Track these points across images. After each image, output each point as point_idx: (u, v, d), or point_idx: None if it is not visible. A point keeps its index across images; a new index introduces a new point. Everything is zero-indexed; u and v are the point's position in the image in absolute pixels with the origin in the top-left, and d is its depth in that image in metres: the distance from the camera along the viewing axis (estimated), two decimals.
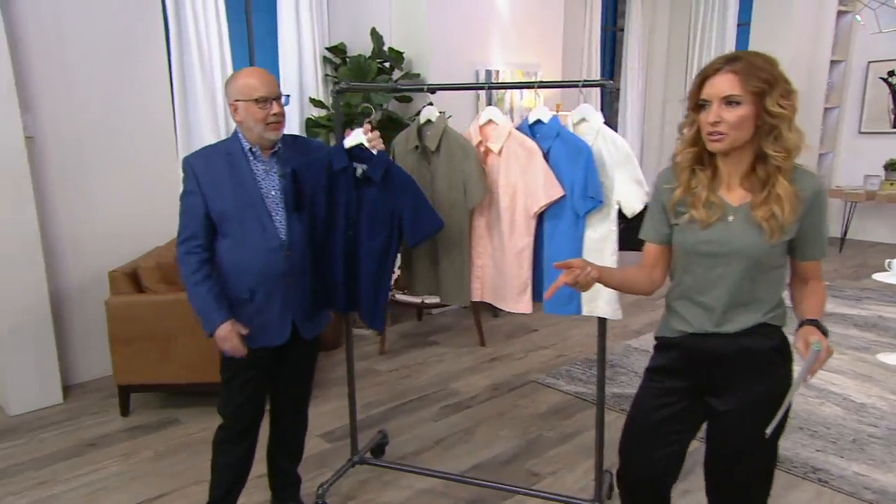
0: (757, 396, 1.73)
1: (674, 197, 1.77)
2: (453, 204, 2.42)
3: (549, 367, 4.14)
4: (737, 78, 1.58)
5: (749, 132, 1.62)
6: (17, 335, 3.47)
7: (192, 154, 2.29)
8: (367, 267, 2.34)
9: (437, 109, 2.48)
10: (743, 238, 1.68)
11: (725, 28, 7.05)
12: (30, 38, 3.49)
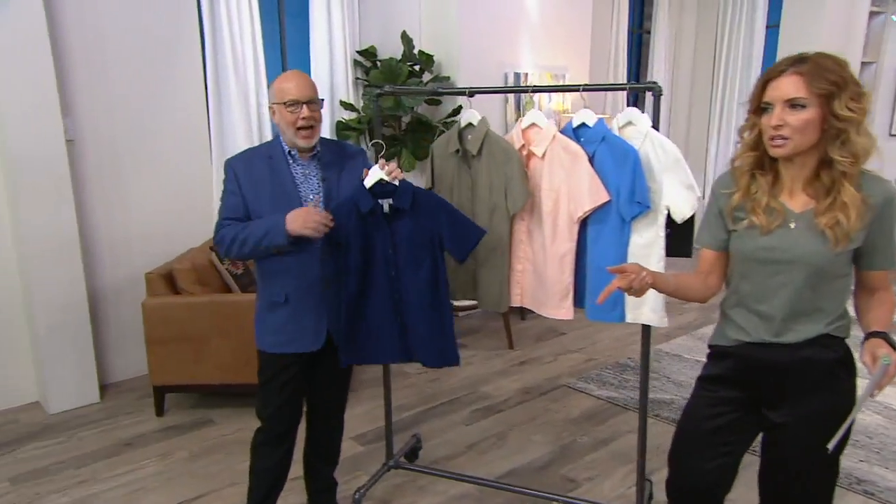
0: (818, 410, 1.66)
1: (732, 202, 1.70)
2: (494, 208, 2.38)
3: (579, 371, 4.07)
4: (802, 80, 1.51)
5: (814, 137, 1.54)
6: (57, 334, 3.48)
7: (234, 157, 2.26)
8: (419, 302, 2.22)
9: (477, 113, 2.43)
10: (805, 245, 1.60)
11: (754, 30, 6.91)
12: (72, 42, 3.50)
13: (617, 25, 6.54)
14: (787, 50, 6.22)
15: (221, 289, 3.58)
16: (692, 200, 2.09)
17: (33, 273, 3.37)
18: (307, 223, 2.02)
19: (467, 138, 2.42)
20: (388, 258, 2.19)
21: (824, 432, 1.62)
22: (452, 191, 2.50)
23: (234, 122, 4.13)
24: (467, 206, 2.46)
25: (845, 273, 1.65)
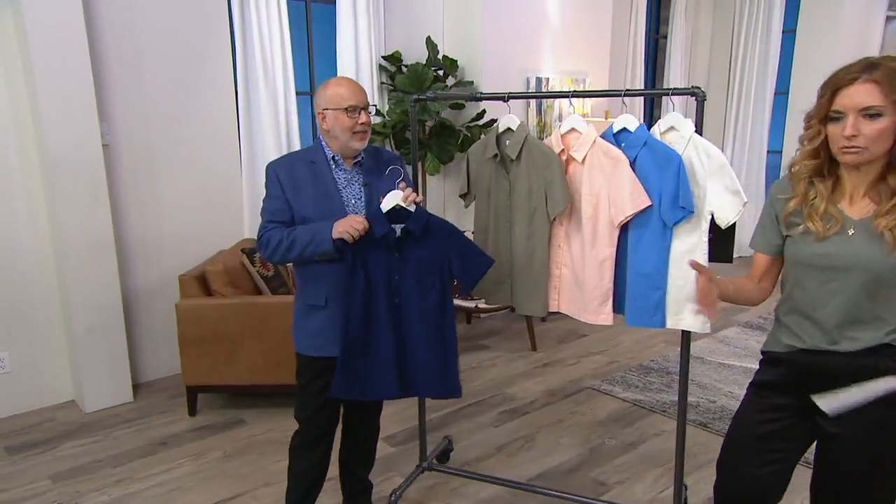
0: (873, 421, 1.58)
1: (788, 207, 1.64)
2: (534, 212, 2.33)
3: (603, 373, 4.02)
4: (878, 88, 1.44)
5: (889, 144, 1.48)
6: (93, 334, 3.46)
7: (276, 161, 2.22)
8: (425, 331, 2.13)
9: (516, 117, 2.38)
10: (862, 251, 1.54)
11: (770, 35, 6.82)
12: (108, 49, 3.48)
13: (635, 30, 6.48)
14: (804, 55, 6.13)
15: (252, 291, 3.56)
16: (738, 206, 2.03)
17: (70, 274, 3.35)
18: (346, 228, 1.99)
19: (505, 143, 2.38)
20: (393, 284, 2.11)
21: (881, 444, 1.58)
22: (490, 195, 2.46)
23: (264, 127, 4.11)
24: (504, 210, 2.42)
25: None
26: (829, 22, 6.43)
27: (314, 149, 2.21)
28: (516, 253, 2.41)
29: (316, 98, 2.15)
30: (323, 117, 2.11)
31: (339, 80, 2.14)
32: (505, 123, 2.39)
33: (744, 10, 7.00)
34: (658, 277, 2.18)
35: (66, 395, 3.64)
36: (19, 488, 2.82)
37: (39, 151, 3.32)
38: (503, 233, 2.44)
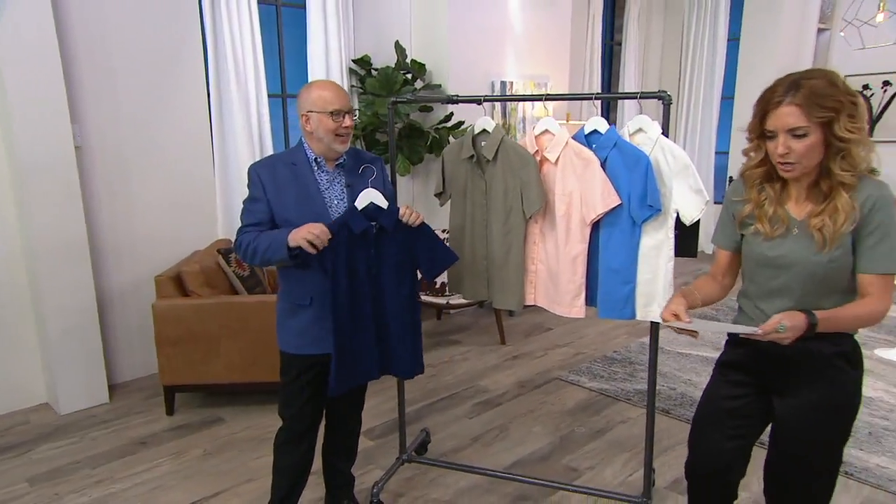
0: (818, 400, 1.66)
1: (743, 210, 1.71)
2: (510, 211, 2.35)
3: (570, 364, 4.08)
4: (800, 110, 1.50)
5: (819, 156, 1.55)
6: (67, 336, 3.35)
7: (258, 163, 2.18)
8: (401, 319, 2.18)
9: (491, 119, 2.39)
10: (800, 251, 1.61)
11: (716, 43, 7.01)
12: (79, 52, 3.38)
13: (592, 37, 6.58)
14: (747, 61, 6.34)
15: (228, 291, 3.50)
16: (700, 204, 2.08)
17: (43, 276, 3.24)
18: (304, 234, 1.92)
19: (481, 144, 2.39)
20: (372, 278, 2.13)
21: (823, 422, 1.65)
22: (466, 194, 2.46)
23: (236, 129, 4.04)
24: (481, 209, 2.43)
25: (846, 280, 1.62)
26: (768, 31, 6.64)
27: (296, 150, 2.17)
28: (493, 250, 2.42)
29: (299, 99, 2.11)
30: (307, 119, 2.08)
31: (322, 83, 2.11)
32: (481, 125, 2.40)
33: (692, 18, 7.17)
34: (628, 272, 2.22)
35: (40, 398, 3.51)
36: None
37: (9, 154, 3.19)
38: (479, 231, 2.45)
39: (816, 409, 1.67)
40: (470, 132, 2.42)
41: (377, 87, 4.41)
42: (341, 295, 2.07)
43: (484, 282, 2.50)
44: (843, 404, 1.67)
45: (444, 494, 2.69)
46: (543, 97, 2.33)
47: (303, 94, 2.10)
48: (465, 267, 2.52)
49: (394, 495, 2.68)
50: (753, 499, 2.52)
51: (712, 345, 4.32)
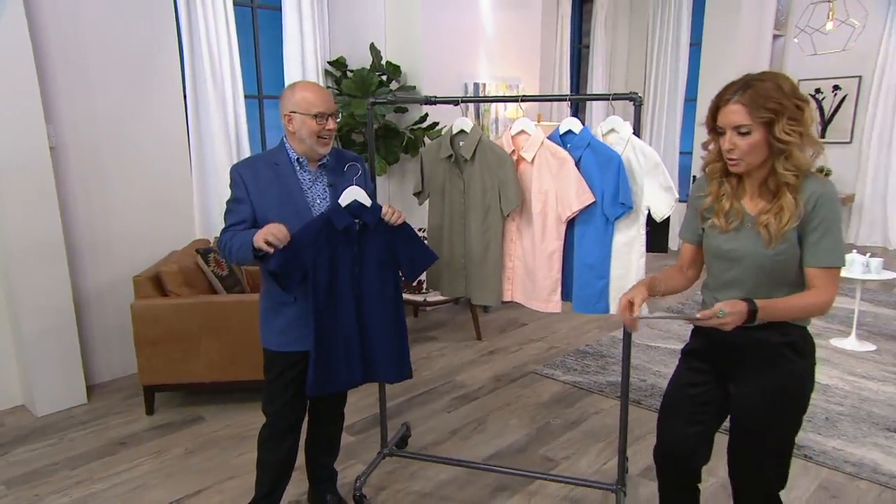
0: (767, 386, 1.72)
1: (704, 204, 1.77)
2: (488, 209, 2.37)
3: (544, 358, 4.12)
4: (745, 109, 1.56)
5: (763, 154, 1.61)
6: (44, 338, 3.28)
7: (240, 163, 2.15)
8: (384, 319, 2.15)
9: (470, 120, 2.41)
10: (749, 245, 1.66)
11: (679, 47, 7.14)
12: (52, 51, 3.30)
13: (561, 41, 6.65)
14: (709, 65, 6.49)
15: (207, 290, 3.45)
16: (671, 201, 2.13)
17: (18, 277, 3.16)
18: (264, 235, 1.91)
19: (459, 144, 2.41)
20: (354, 276, 2.11)
21: (773, 407, 1.71)
22: (444, 193, 2.47)
23: (213, 130, 3.99)
24: (459, 207, 2.45)
25: (794, 273, 1.67)
26: (728, 37, 6.79)
27: (278, 150, 2.16)
28: (471, 248, 2.44)
29: (282, 99, 2.09)
30: (290, 119, 2.06)
31: (307, 84, 2.09)
32: (458, 125, 2.41)
33: (656, 24, 7.30)
34: (601, 268, 2.26)
35: (15, 400, 3.43)
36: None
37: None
38: (458, 229, 2.47)
39: (765, 394, 1.72)
40: (448, 132, 2.44)
41: (353, 89, 4.39)
42: (321, 295, 2.06)
43: (462, 279, 2.51)
44: (791, 391, 1.72)
45: (425, 487, 2.70)
46: (520, 98, 2.36)
47: (286, 95, 2.08)
48: (443, 264, 2.53)
49: (376, 489, 2.68)
50: (721, 483, 2.58)
51: (679, 337, 4.41)
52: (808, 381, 1.74)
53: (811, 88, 7.47)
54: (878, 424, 3.20)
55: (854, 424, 3.20)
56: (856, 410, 3.34)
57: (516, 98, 2.36)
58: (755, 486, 1.83)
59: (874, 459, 2.88)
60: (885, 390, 3.58)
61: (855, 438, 3.06)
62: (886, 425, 3.19)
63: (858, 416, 3.29)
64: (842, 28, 6.42)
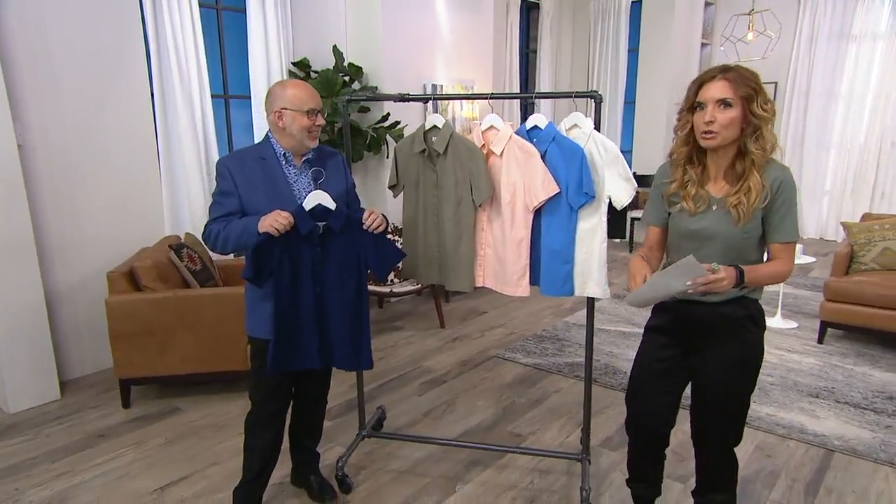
0: (729, 356, 1.83)
1: (669, 190, 1.85)
2: (460, 200, 2.41)
3: (504, 343, 4.20)
4: (729, 84, 1.68)
5: (736, 132, 1.71)
6: (14, 334, 3.15)
7: (227, 158, 2.13)
8: (342, 314, 2.15)
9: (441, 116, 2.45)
10: (719, 224, 1.77)
11: (619, 53, 7.37)
12: (17, 50, 3.16)
13: (510, 45, 6.76)
14: (646, 69, 6.75)
15: (180, 284, 3.38)
16: (630, 190, 2.22)
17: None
18: (271, 220, 1.95)
19: (432, 139, 2.44)
20: (316, 275, 2.11)
21: (736, 374, 1.83)
22: (418, 186, 2.50)
23: (181, 129, 3.90)
24: (433, 199, 2.48)
25: (756, 250, 1.80)
26: (661, 44, 7.04)
27: (263, 146, 2.15)
28: (445, 238, 2.48)
29: (271, 97, 2.08)
30: (279, 116, 2.06)
31: (297, 82, 2.10)
32: (431, 122, 2.44)
33: (597, 31, 7.51)
34: (566, 253, 2.33)
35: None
36: None
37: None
38: (432, 220, 2.51)
39: (730, 363, 1.83)
40: (421, 128, 2.47)
41: (318, 89, 4.32)
42: (284, 285, 2.07)
43: (436, 267, 2.55)
44: (751, 358, 1.85)
45: (403, 465, 2.74)
46: (489, 96, 2.41)
47: (276, 92, 2.07)
48: (419, 254, 2.56)
49: (356, 468, 2.70)
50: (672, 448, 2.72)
51: (627, 321, 4.57)
52: (762, 349, 1.86)
53: None
54: (803, 392, 3.41)
55: (783, 392, 3.40)
56: (783, 380, 3.56)
57: (485, 95, 2.41)
58: (716, 446, 1.95)
59: (801, 422, 3.09)
60: (807, 361, 3.82)
61: (784, 405, 3.26)
62: (809, 392, 3.41)
63: (786, 385, 3.50)
64: (761, 38, 6.76)
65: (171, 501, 2.47)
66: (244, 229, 2.01)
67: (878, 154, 6.97)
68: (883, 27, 6.72)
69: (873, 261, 4.17)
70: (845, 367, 3.74)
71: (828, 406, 3.25)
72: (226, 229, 2.02)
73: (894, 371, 3.68)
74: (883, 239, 4.16)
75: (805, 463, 2.74)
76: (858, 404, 3.27)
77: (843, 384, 3.51)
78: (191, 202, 4.02)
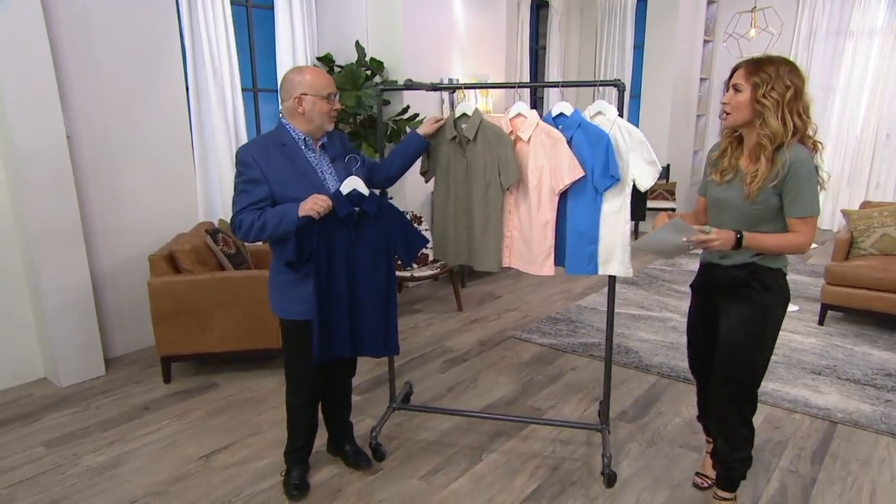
0: (735, 313, 1.99)
1: (712, 158, 2.01)
2: (489, 184, 2.45)
3: (520, 325, 4.25)
4: (744, 73, 1.83)
5: (747, 115, 1.84)
6: (65, 313, 3.22)
7: (250, 146, 2.06)
8: (373, 300, 2.17)
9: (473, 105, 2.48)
10: (734, 197, 1.90)
11: (624, 49, 7.36)
12: (65, 44, 3.21)
13: (521, 42, 6.77)
14: (651, 65, 6.72)
15: (216, 267, 3.43)
16: (654, 173, 2.25)
17: (40, 259, 3.10)
18: (312, 206, 1.96)
19: (462, 127, 2.47)
20: (349, 260, 2.11)
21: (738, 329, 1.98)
22: (449, 171, 2.53)
23: (213, 120, 3.95)
24: (463, 183, 2.51)
25: (769, 222, 1.89)
26: (666, 41, 7.02)
27: (280, 132, 2.10)
28: (474, 220, 2.51)
29: (289, 83, 2.06)
30: (299, 101, 2.04)
31: (314, 69, 2.09)
32: (461, 110, 2.47)
33: (604, 28, 7.49)
34: (591, 234, 2.36)
35: (38, 374, 3.35)
36: (15, 456, 2.61)
37: (4, 144, 3.01)
38: (462, 203, 2.53)
39: (735, 320, 1.98)
40: (451, 116, 2.50)
41: (343, 82, 4.39)
42: (322, 269, 2.07)
43: (465, 248, 2.58)
44: (755, 318, 1.96)
45: (431, 435, 2.79)
46: (517, 85, 2.45)
47: (294, 78, 2.05)
48: (448, 237, 2.60)
49: (387, 439, 2.75)
50: (686, 420, 2.77)
51: (636, 304, 4.62)
52: (770, 310, 1.95)
53: None
54: (806, 369, 3.46)
55: (787, 370, 3.45)
56: (787, 359, 3.60)
57: (514, 84, 2.46)
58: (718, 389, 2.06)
59: (805, 396, 3.13)
60: (809, 342, 3.86)
61: (788, 381, 3.31)
62: (812, 369, 3.45)
63: (790, 363, 3.54)
64: (763, 35, 6.75)
65: (217, 467, 2.53)
66: (283, 216, 1.98)
67: (873, 146, 6.97)
68: (879, 23, 6.70)
69: (872, 246, 4.19)
70: (845, 347, 3.78)
71: (830, 382, 3.29)
72: (261, 217, 1.99)
73: (892, 350, 3.71)
74: (882, 225, 4.18)
75: (811, 433, 2.78)
76: (859, 380, 3.31)
77: (844, 362, 3.55)
78: (222, 191, 4.07)
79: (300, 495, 2.33)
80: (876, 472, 2.49)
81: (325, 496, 2.36)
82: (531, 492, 2.38)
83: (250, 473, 2.49)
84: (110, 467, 2.53)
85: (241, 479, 2.45)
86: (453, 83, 5.13)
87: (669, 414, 2.95)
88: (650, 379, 3.36)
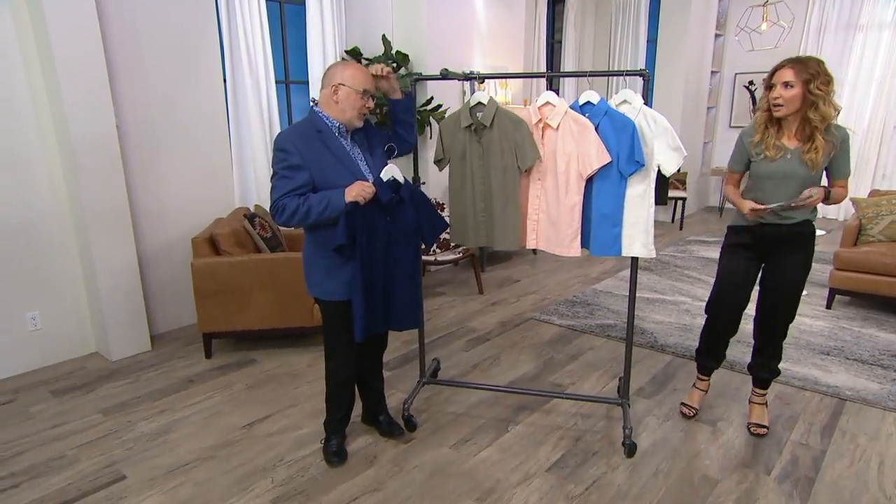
0: (794, 258, 2.39)
1: (753, 141, 2.32)
2: (506, 168, 2.44)
3: (539, 307, 4.28)
4: (793, 70, 2.17)
5: (798, 105, 2.14)
6: (115, 291, 3.31)
7: (288, 133, 2.06)
8: (404, 279, 2.23)
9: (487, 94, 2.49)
10: (797, 170, 2.24)
11: (638, 43, 7.30)
12: (115, 42, 3.27)
13: (538, 36, 6.73)
14: (663, 59, 6.68)
15: (253, 250, 3.50)
16: (679, 159, 2.26)
17: (93, 240, 3.18)
18: (358, 192, 1.99)
19: (478, 115, 2.47)
20: (385, 242, 2.16)
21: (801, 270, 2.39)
22: (464, 158, 2.53)
23: (249, 111, 4.00)
24: (479, 169, 2.50)
25: (816, 184, 2.26)
26: (679, 35, 6.95)
27: (314, 119, 2.10)
28: (492, 203, 2.50)
29: (331, 73, 2.08)
30: (335, 90, 2.05)
31: (358, 65, 2.12)
32: (476, 99, 2.48)
33: (618, 22, 7.43)
34: (616, 217, 2.38)
35: (90, 348, 3.45)
36: (75, 422, 2.70)
37: (60, 134, 3.09)
38: (479, 188, 2.53)
39: (799, 263, 2.38)
40: (466, 105, 2.51)
41: None
42: (364, 252, 2.11)
43: (483, 231, 2.57)
44: (810, 259, 2.40)
45: (460, 408, 2.85)
46: (545, 74, 2.46)
47: (337, 69, 2.08)
48: (467, 221, 2.60)
49: (417, 412, 2.80)
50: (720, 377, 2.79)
51: (649, 288, 4.63)
52: (812, 253, 2.40)
53: (745, 81, 7.73)
54: (815, 350, 3.46)
55: (797, 350, 3.45)
56: (797, 340, 3.60)
57: (542, 74, 2.48)
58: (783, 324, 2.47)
59: (814, 375, 3.14)
60: (817, 324, 3.86)
61: (798, 361, 3.32)
62: (821, 350, 3.45)
63: (800, 343, 3.54)
64: (774, 29, 6.66)
65: (260, 435, 2.60)
66: (329, 201, 1.99)
67: (880, 137, 6.87)
68: (889, 16, 6.58)
69: (880, 233, 4.16)
70: (853, 329, 3.77)
71: (838, 362, 3.30)
72: (305, 203, 1.99)
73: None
74: (890, 213, 4.15)
75: (820, 410, 2.80)
76: (866, 361, 3.31)
77: (852, 343, 3.55)
78: (257, 177, 4.13)
79: (339, 461, 2.39)
80: (884, 445, 2.51)
81: (362, 462, 2.42)
82: (556, 460, 2.42)
83: (291, 441, 2.55)
84: (162, 433, 2.61)
85: (282, 447, 2.51)
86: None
87: (684, 391, 2.97)
88: (665, 358, 3.39)
